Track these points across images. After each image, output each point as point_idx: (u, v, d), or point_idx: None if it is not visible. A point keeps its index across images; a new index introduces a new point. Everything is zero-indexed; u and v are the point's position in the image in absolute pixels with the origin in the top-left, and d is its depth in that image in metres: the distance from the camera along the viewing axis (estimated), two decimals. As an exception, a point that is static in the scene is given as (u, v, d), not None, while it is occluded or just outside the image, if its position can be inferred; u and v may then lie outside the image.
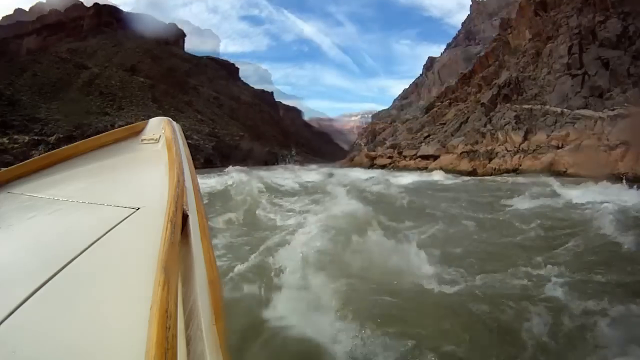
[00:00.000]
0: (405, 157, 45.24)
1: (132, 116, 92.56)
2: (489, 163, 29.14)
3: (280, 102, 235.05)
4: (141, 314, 0.91)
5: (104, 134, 2.91)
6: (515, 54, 47.17)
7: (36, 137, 62.43)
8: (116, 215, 1.57)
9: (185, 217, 1.41)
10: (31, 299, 1.08)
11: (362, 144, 70.79)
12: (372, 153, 53.87)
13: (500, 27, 62.00)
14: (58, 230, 1.66)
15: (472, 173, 29.24)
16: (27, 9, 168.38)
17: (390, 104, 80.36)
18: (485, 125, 35.33)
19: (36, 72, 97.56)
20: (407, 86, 78.39)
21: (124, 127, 2.97)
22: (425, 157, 40.48)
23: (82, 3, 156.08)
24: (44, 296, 1.10)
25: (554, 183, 15.22)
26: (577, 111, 28.89)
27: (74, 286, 1.17)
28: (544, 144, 27.44)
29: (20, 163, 2.48)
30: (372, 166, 47.39)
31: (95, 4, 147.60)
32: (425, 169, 36.59)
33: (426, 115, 57.27)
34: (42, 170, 2.47)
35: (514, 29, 58.07)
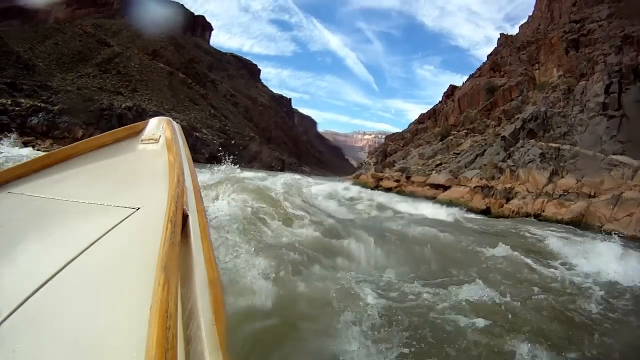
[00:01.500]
0: (413, 182, 41.28)
1: (145, 100, 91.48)
2: (507, 203, 25.08)
3: (297, 110, 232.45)
4: (141, 314, 0.92)
5: (104, 134, 2.80)
6: (543, 89, 43.15)
7: (39, 104, 59.46)
8: (116, 215, 1.57)
9: (185, 217, 1.42)
10: (31, 298, 1.10)
11: (371, 163, 66.90)
12: (379, 174, 50.00)
13: (528, 62, 58.32)
14: (58, 230, 1.62)
15: (485, 211, 25.30)
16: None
17: (406, 127, 76.05)
18: (504, 160, 31.38)
19: (58, 42, 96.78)
20: (424, 111, 74.16)
21: (123, 127, 2.89)
22: (434, 186, 36.50)
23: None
24: (44, 296, 1.12)
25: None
26: (613, 157, 24.87)
27: (74, 286, 1.18)
28: (572, 189, 23.41)
29: (20, 163, 2.36)
30: (376, 187, 43.56)
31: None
32: (433, 198, 32.64)
33: (440, 143, 53.44)
34: (42, 170, 2.36)
35: (541, 65, 55.03)
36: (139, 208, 1.63)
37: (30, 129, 53.50)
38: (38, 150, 31.38)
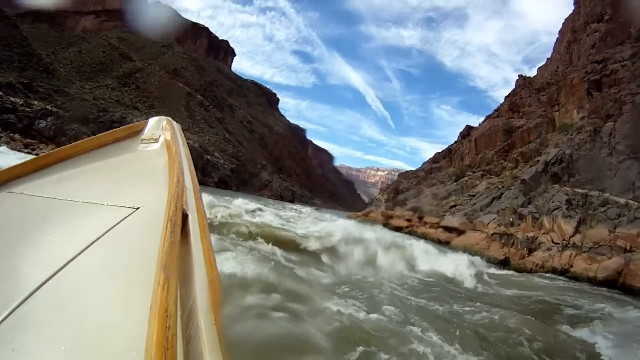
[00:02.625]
0: (426, 223, 38.54)
1: None
2: (529, 255, 22.18)
3: (311, 142, 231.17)
4: (141, 313, 0.91)
5: (104, 133, 2.73)
6: (565, 131, 40.51)
7: (51, 108, 58.90)
8: (116, 215, 1.56)
9: (185, 217, 1.41)
10: (31, 298, 1.09)
11: (383, 200, 64.35)
12: (390, 212, 47.41)
13: (548, 104, 56.18)
14: (58, 230, 1.61)
15: (504, 262, 22.48)
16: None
17: (420, 165, 73.89)
18: (524, 206, 28.64)
19: (82, 50, 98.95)
20: (440, 151, 72.02)
21: (123, 127, 2.83)
22: (448, 229, 33.69)
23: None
24: (44, 296, 1.11)
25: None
26: (650, 206, 22.04)
27: (74, 286, 1.18)
28: (604, 241, 20.55)
29: (20, 163, 2.32)
30: (386, 226, 40.82)
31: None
32: (447, 243, 29.86)
33: (455, 184, 50.87)
34: (42, 170, 2.32)
35: (561, 107, 52.88)
36: (139, 208, 1.60)
37: (37, 133, 52.83)
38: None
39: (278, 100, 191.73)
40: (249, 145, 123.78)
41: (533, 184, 31.27)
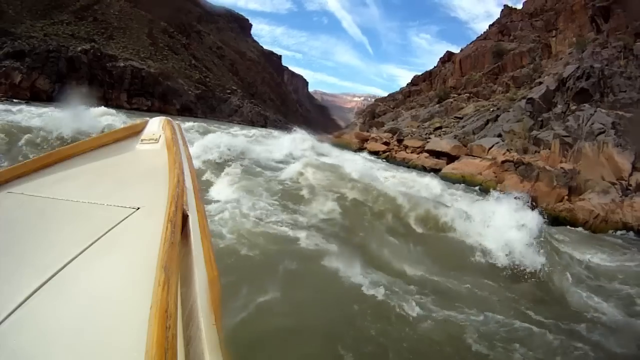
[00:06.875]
0: (406, 147, 30.11)
1: (119, 47, 77.02)
2: (573, 197, 14.05)
3: (287, 68, 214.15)
4: (141, 314, 0.88)
5: (103, 133, 2.56)
6: (583, 47, 31.23)
7: None
8: (116, 215, 1.51)
9: (185, 217, 1.36)
10: (31, 298, 1.06)
11: (358, 124, 55.63)
12: (365, 134, 38.66)
13: (543, 29, 47.35)
14: (58, 230, 1.55)
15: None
16: None
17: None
18: (535, 129, 20.33)
19: None
20: (419, 74, 62.60)
21: (123, 127, 2.63)
22: (435, 154, 25.40)
23: None
24: (43, 296, 1.08)
25: None
26: None
27: (73, 286, 1.14)
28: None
29: (20, 163, 2.17)
30: (360, 149, 32.48)
31: None
32: (435, 170, 21.82)
33: (438, 105, 42.23)
34: (42, 170, 2.19)
35: (559, 33, 44.41)
36: (139, 208, 1.53)
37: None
38: None
39: (250, 25, 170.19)
40: (218, 71, 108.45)
41: (544, 104, 22.93)
